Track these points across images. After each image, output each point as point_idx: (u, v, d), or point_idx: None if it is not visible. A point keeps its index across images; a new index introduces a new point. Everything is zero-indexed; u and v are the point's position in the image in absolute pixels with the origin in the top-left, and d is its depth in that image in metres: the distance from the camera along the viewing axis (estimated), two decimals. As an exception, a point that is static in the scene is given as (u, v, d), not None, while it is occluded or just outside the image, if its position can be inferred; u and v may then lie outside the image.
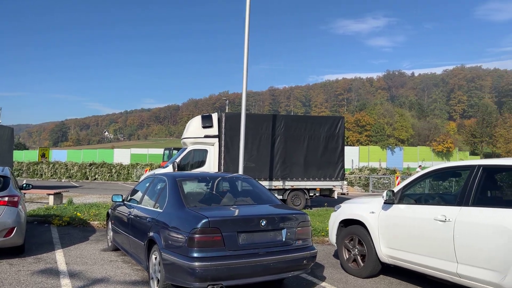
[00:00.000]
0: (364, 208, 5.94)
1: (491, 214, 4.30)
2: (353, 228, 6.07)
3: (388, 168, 31.20)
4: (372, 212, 5.75)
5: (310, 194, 14.54)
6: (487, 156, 69.89)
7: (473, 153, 71.05)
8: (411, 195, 5.76)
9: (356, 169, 30.69)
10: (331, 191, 14.91)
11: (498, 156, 67.00)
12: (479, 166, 4.68)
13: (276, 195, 13.85)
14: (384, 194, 5.53)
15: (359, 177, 27.35)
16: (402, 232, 5.27)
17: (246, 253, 4.42)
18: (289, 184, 14.08)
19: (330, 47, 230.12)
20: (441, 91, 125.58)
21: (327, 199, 15.98)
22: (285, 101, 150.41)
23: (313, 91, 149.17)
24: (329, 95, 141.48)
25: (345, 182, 20.02)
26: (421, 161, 52.20)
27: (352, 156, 48.61)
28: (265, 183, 13.56)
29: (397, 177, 22.58)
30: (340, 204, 6.63)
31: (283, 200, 13.91)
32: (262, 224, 4.60)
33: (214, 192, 5.69)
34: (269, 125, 13.85)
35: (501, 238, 4.11)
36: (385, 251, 5.51)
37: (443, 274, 4.74)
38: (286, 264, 4.67)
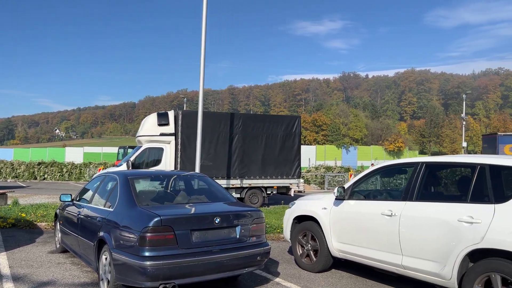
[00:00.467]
0: (317, 204, 6.10)
1: (433, 208, 4.57)
2: (306, 224, 6.21)
3: (342, 166, 32.16)
4: (324, 208, 5.91)
5: (268, 192, 14.70)
6: (434, 154, 73.95)
7: (422, 152, 75.00)
8: (361, 191, 5.99)
9: (312, 167, 31.41)
10: (288, 188, 15.16)
11: (444, 154, 71.08)
12: (422, 163, 4.96)
13: (234, 193, 13.90)
14: (335, 190, 5.72)
15: (316, 175, 28.00)
16: (352, 226, 5.47)
17: (200, 251, 4.41)
18: (247, 182, 14.14)
19: (289, 48, 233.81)
20: (393, 92, 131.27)
21: (284, 197, 16.25)
22: (244, 100, 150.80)
23: (272, 90, 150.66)
24: (288, 95, 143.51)
25: (302, 180, 20.49)
26: (374, 159, 54.29)
27: (309, 155, 49.65)
28: (222, 182, 13.54)
29: (351, 175, 23.36)
30: (295, 201, 6.77)
31: (241, 199, 13.96)
32: (216, 221, 4.60)
33: (167, 191, 5.61)
34: (227, 123, 13.84)
35: (441, 231, 4.37)
36: (336, 246, 5.69)
37: (389, 266, 4.98)
38: (240, 261, 4.71)
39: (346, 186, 5.74)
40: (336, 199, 5.79)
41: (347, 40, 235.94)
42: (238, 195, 14.03)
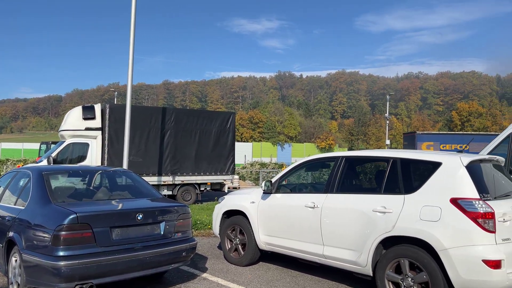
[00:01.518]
0: (246, 198, 6.16)
1: (351, 199, 4.84)
2: (235, 219, 6.25)
3: (277, 162, 32.93)
4: (253, 202, 5.99)
5: (201, 189, 14.57)
6: (362, 152, 78.33)
7: (351, 149, 79.08)
8: (288, 185, 6.16)
9: (248, 164, 31.72)
10: (222, 185, 15.14)
11: (370, 152, 75.68)
12: (342, 157, 5.22)
13: (165, 190, 13.57)
14: (263, 184, 5.82)
15: (251, 172, 28.34)
16: (278, 219, 5.60)
17: (120, 248, 4.23)
18: (179, 179, 13.88)
19: (227, 45, 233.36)
20: (325, 92, 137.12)
21: (218, 193, 16.19)
22: (180, 95, 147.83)
23: (209, 87, 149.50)
24: (225, 92, 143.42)
25: (237, 176, 20.58)
26: (307, 156, 56.27)
27: (245, 152, 50.13)
28: (154, 179, 13.16)
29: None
30: (224, 196, 6.77)
31: (173, 196, 13.68)
32: (139, 218, 4.45)
33: (87, 187, 5.31)
34: (159, 118, 13.44)
35: (358, 221, 4.64)
36: (263, 239, 5.79)
37: (312, 256, 5.18)
38: (164, 257, 4.60)
39: (273, 180, 5.86)
40: (263, 193, 5.89)
41: (283, 39, 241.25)
42: (170, 192, 13.73)
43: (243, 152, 48.01)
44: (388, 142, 37.89)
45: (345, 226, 4.77)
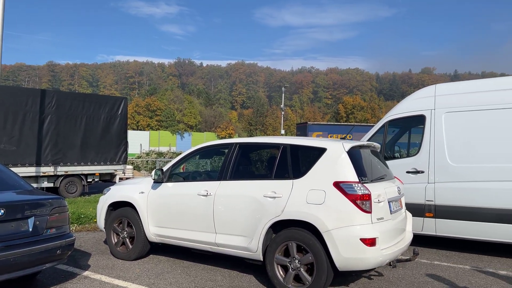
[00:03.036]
0: (134, 188, 5.76)
1: (243, 186, 4.81)
2: (122, 211, 5.80)
3: (175, 152, 32.15)
4: (142, 192, 5.62)
5: (89, 180, 13.42)
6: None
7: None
8: (181, 173, 5.92)
9: (143, 153, 30.37)
10: (112, 175, 14.15)
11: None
12: (236, 143, 5.17)
13: (45, 182, 12.18)
14: (153, 173, 5.49)
15: (147, 161, 27.17)
16: (170, 209, 5.34)
17: (-26, 250, 3.56)
18: (62, 169, 12.55)
19: (122, 27, 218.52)
20: (225, 82, 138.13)
21: (109, 185, 15.10)
22: (68, 79, 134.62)
23: (101, 71, 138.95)
24: (120, 77, 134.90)
25: (130, 166, 19.48)
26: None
27: (142, 141, 48.03)
28: (31, 170, 11.69)
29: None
30: (110, 187, 6.25)
31: (55, 188, 12.34)
32: (0, 214, 3.79)
33: None
34: (37, 101, 11.90)
35: (249, 207, 4.64)
36: (154, 230, 5.48)
37: (205, 245, 5.06)
38: (34, 257, 4.03)
39: (164, 168, 5.56)
40: (154, 182, 5.56)
41: (183, 26, 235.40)
42: (52, 184, 12.37)
43: (140, 141, 45.92)
44: (283, 132, 39.78)
45: (237, 212, 4.73)
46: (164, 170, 5.51)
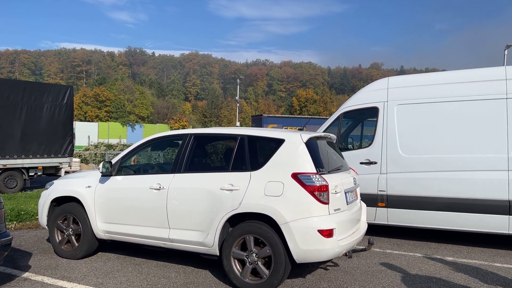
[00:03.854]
0: (80, 182, 5.37)
1: (199, 179, 4.62)
2: (67, 206, 5.40)
3: (126, 144, 30.98)
4: (89, 187, 5.25)
5: (31, 174, 12.50)
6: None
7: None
8: (132, 166, 5.61)
9: (91, 145, 28.97)
10: (57, 169, 13.29)
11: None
12: (191, 134, 4.96)
13: (-20, 177, 11.18)
14: (101, 166, 5.14)
15: (95, 154, 25.94)
16: (119, 204, 5.04)
17: None
18: (0, 163, 11.59)
19: (68, 13, 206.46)
20: (179, 73, 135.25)
21: (53, 179, 14.21)
22: (8, 66, 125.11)
23: (45, 58, 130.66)
24: (66, 65, 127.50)
25: (77, 159, 18.46)
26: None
27: (90, 132, 45.98)
28: (-38, 163, 10.67)
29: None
30: (53, 181, 5.79)
31: (-9, 183, 11.38)
32: None
33: None
34: (-32, 88, 10.85)
35: (205, 200, 4.46)
36: (102, 227, 5.15)
37: (158, 241, 4.82)
38: (-37, 260, 3.60)
39: (113, 161, 5.23)
40: (102, 175, 5.22)
41: (134, 14, 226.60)
42: (-13, 179, 11.39)
43: (87, 133, 43.89)
44: (238, 124, 39.65)
45: (192, 206, 4.54)
46: (113, 163, 5.17)
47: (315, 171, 4.16)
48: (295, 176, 4.13)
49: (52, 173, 13.27)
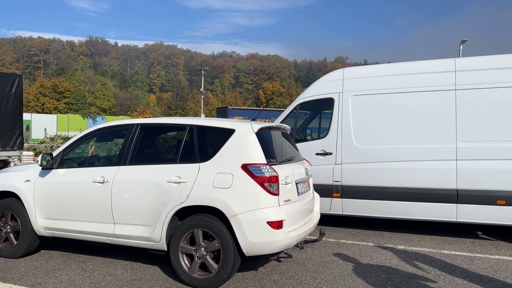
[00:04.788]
0: (18, 176, 5.01)
1: (146, 171, 4.41)
2: (4, 202, 5.03)
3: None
4: (28, 181, 4.91)
5: (-25, 168, 11.71)
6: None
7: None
8: (76, 158, 5.31)
9: (47, 138, 27.66)
10: (6, 163, 12.53)
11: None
12: (137, 124, 4.72)
13: None
14: (40, 158, 4.81)
15: (51, 147, 24.78)
16: (61, 199, 4.74)
17: None
18: None
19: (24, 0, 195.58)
20: (143, 64, 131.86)
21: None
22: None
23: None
24: (21, 55, 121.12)
25: (30, 153, 17.57)
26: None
27: (47, 125, 44.04)
28: None
29: (91, 146, 21.82)
30: (-11, 175, 5.38)
31: None
32: None
33: None
34: None
35: (151, 194, 4.27)
36: (43, 223, 4.84)
37: (103, 237, 4.59)
38: None
39: (55, 153, 4.91)
40: (43, 168, 4.89)
41: (95, 2, 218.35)
42: None
43: (45, 125, 42.02)
44: (203, 116, 39.18)
45: (138, 200, 4.34)
46: (54, 155, 4.86)
47: (266, 162, 4.06)
48: (245, 167, 4.01)
49: (1, 167, 12.51)
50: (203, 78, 39.30)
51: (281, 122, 6.85)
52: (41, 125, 42.18)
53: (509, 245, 5.77)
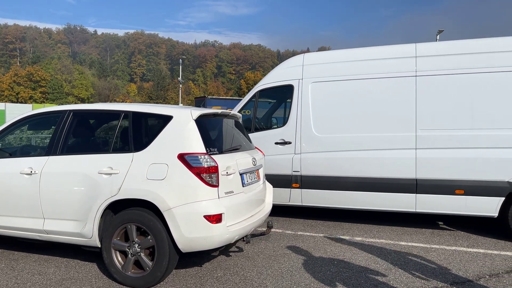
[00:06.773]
0: None
1: (76, 161, 4.07)
2: None
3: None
4: (-48, 173, 4.49)
5: None
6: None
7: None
8: (8, 148, 4.91)
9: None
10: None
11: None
12: (70, 111, 4.36)
13: None
14: (-38, 148, 4.40)
15: (20, 138, 23.93)
16: (-14, 192, 4.35)
17: None
18: None
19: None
20: (123, 53, 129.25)
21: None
22: None
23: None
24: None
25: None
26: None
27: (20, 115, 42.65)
28: None
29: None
30: None
31: None
32: None
33: None
34: None
35: (82, 186, 3.93)
36: (-32, 219, 4.44)
37: (32, 233, 4.24)
38: None
39: (-19, 142, 4.50)
40: (-34, 159, 4.47)
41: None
42: None
43: (16, 115, 40.68)
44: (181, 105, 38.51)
45: (67, 193, 3.99)
46: (-19, 145, 4.46)
47: (204, 152, 3.76)
48: (181, 157, 3.71)
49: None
50: (181, 67, 38.55)
51: (240, 110, 6.56)
52: (15, 114, 40.82)
53: (468, 235, 5.65)
